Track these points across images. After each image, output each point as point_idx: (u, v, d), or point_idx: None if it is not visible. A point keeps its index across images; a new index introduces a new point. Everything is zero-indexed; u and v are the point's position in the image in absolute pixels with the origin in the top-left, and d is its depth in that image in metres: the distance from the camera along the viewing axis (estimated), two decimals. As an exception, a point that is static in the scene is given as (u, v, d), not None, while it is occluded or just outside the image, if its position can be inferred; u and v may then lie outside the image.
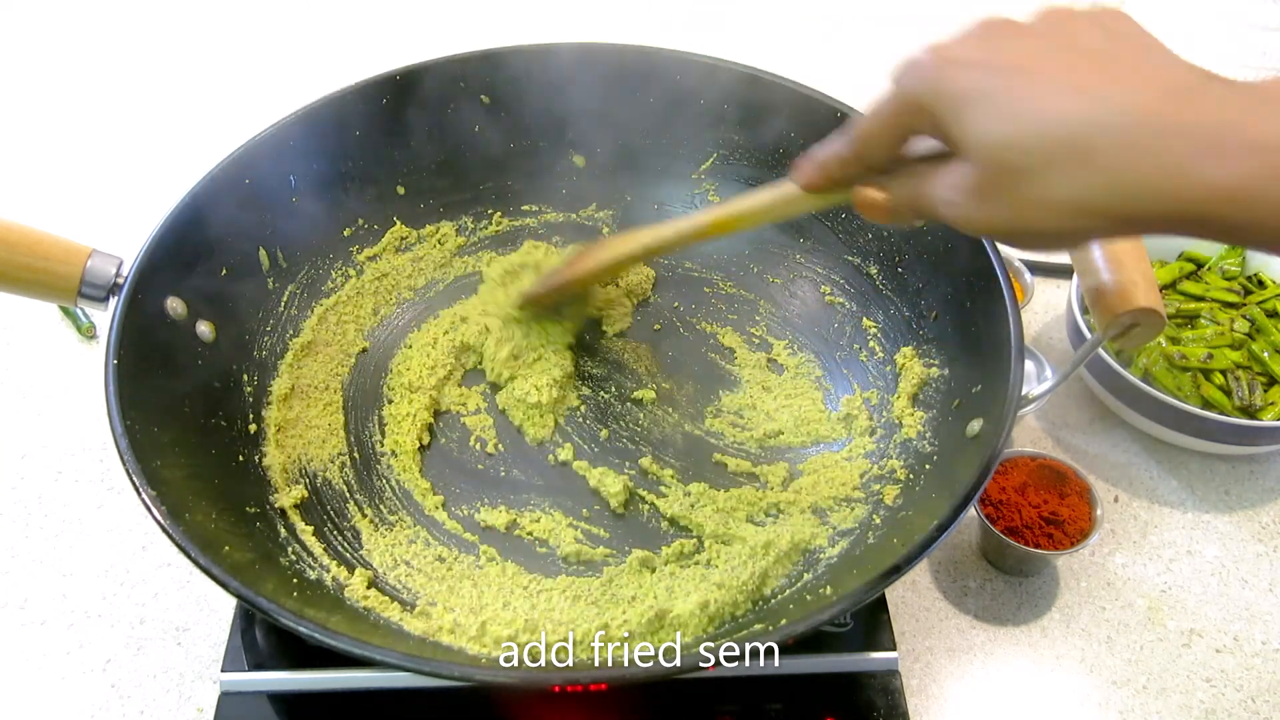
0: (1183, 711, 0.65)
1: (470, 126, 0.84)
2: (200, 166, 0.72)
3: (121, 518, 0.76)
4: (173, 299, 0.67)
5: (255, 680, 0.63)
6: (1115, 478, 0.79)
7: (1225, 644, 0.69)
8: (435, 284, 0.85)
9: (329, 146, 0.79)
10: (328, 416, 0.75)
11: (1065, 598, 0.71)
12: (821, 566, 0.64)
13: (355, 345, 0.80)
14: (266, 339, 0.76)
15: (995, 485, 0.71)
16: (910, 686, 0.65)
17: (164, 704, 0.66)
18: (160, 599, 0.72)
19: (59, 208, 1.02)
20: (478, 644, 0.59)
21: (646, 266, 0.86)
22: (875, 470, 0.70)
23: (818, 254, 0.83)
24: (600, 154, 0.88)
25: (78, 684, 0.67)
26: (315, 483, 0.70)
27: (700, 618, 0.60)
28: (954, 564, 0.73)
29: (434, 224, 0.86)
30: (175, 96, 1.17)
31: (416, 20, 1.28)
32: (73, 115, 1.15)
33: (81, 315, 0.90)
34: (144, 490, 0.54)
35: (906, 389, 0.72)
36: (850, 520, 0.67)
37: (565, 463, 0.73)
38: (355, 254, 0.83)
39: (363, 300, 0.82)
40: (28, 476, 0.79)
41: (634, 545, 0.67)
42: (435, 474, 0.73)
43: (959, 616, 0.70)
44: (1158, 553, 0.74)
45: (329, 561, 0.64)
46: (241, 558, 0.57)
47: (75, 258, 0.63)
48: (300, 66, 1.20)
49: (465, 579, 0.65)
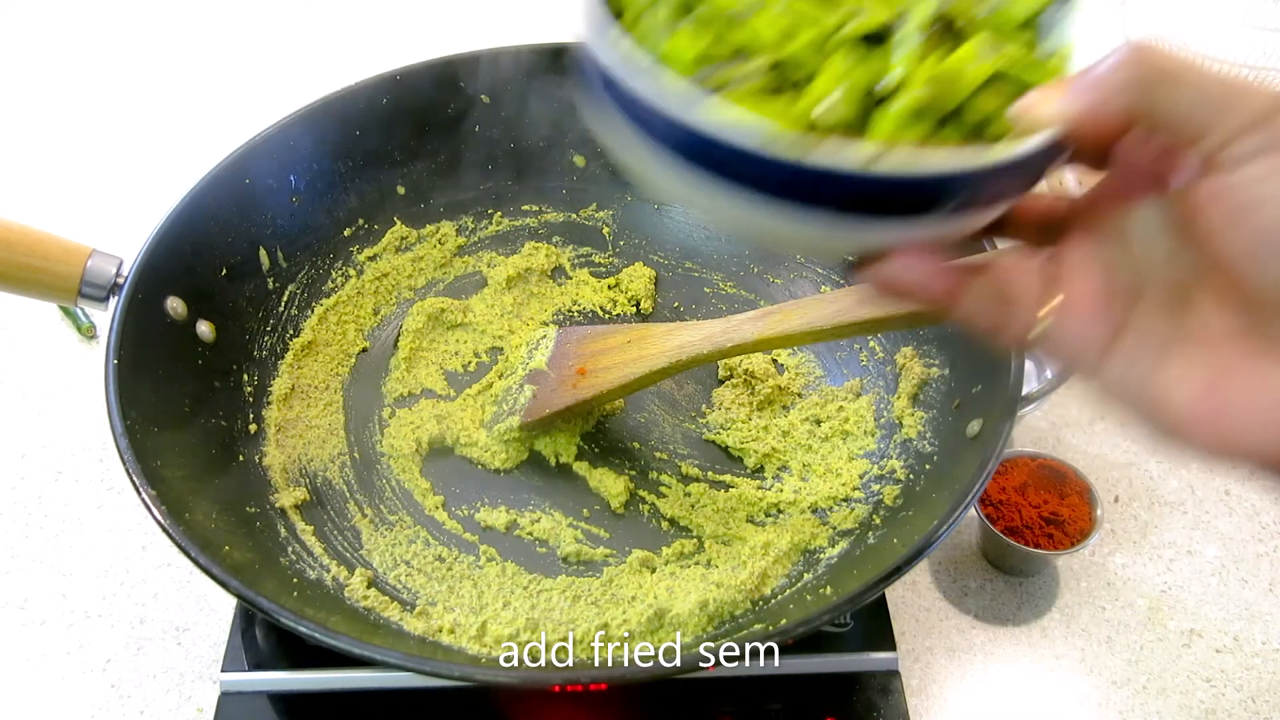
0: (1183, 711, 0.65)
1: (470, 126, 0.84)
2: (200, 166, 0.72)
3: (121, 518, 0.76)
4: (173, 299, 0.67)
5: (255, 680, 0.63)
6: (1115, 478, 0.79)
7: (1225, 644, 0.69)
8: (435, 284, 0.85)
9: (329, 146, 0.79)
10: (328, 416, 0.75)
11: (1065, 598, 0.71)
12: (821, 566, 0.64)
13: (355, 345, 0.80)
14: (266, 339, 0.76)
15: (995, 485, 0.71)
16: (910, 686, 0.65)
17: (164, 704, 0.66)
18: (160, 599, 0.72)
19: (59, 208, 1.02)
20: (478, 644, 0.59)
21: (646, 266, 0.86)
22: (875, 470, 0.70)
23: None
24: (600, 154, 0.88)
25: (78, 684, 0.67)
26: (315, 483, 0.70)
27: (700, 617, 0.60)
28: (954, 564, 0.73)
29: (434, 224, 0.86)
30: (175, 96, 1.17)
31: (416, 20, 1.28)
32: (73, 115, 1.15)
33: (81, 315, 0.90)
34: (144, 490, 0.54)
35: (906, 389, 0.72)
36: (850, 520, 0.67)
37: (565, 463, 0.73)
38: (355, 254, 0.83)
39: (363, 300, 0.82)
40: (28, 476, 0.79)
41: (634, 545, 0.67)
42: (435, 474, 0.73)
43: (959, 616, 0.70)
44: (1158, 553, 0.74)
45: (329, 561, 0.64)
46: (241, 558, 0.57)
47: (75, 258, 0.63)
48: (300, 66, 1.20)
49: (465, 579, 0.65)
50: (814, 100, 0.35)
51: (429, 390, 0.78)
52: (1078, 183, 0.60)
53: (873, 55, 0.36)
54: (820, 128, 0.35)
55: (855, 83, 0.35)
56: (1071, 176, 0.67)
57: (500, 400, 0.74)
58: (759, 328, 0.59)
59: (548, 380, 0.71)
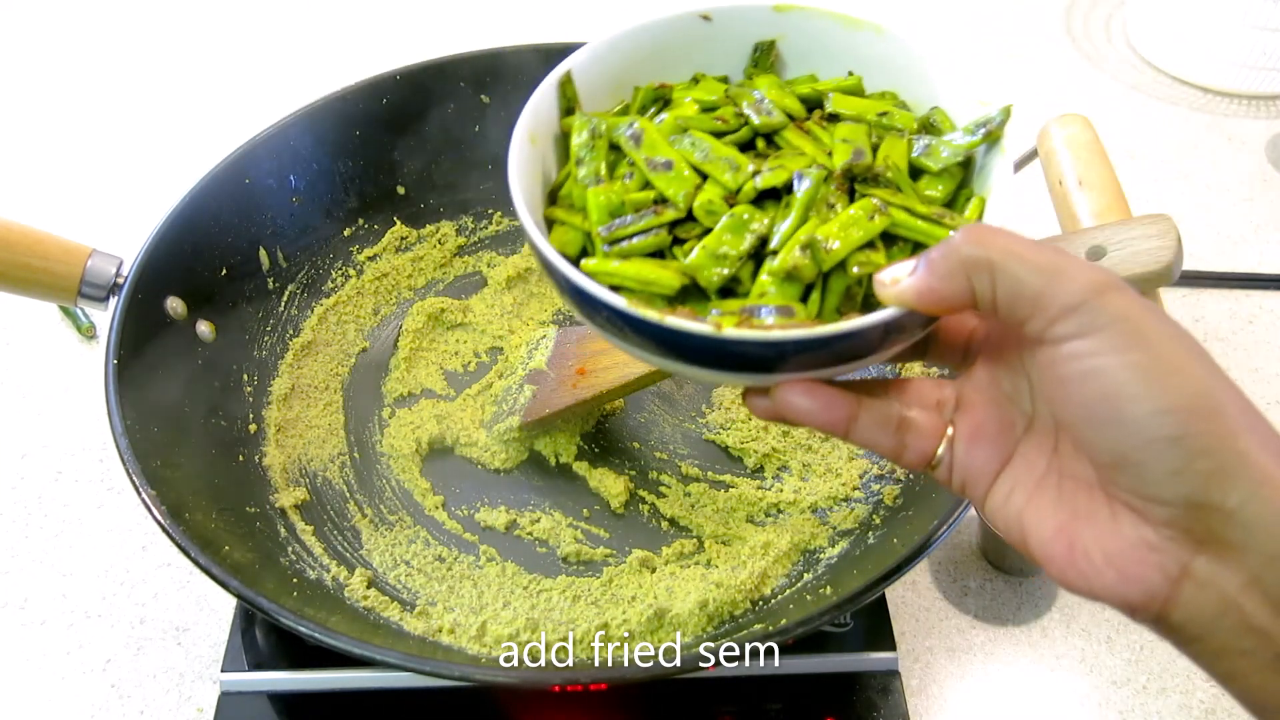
0: (1183, 711, 0.65)
1: (470, 126, 0.84)
2: (200, 166, 0.72)
3: (121, 518, 0.76)
4: (173, 299, 0.67)
5: (255, 680, 0.63)
6: (1115, 478, 0.79)
7: (1225, 644, 0.69)
8: (435, 284, 0.85)
9: (329, 146, 0.79)
10: (328, 416, 0.75)
11: (1065, 598, 0.71)
12: (821, 566, 0.64)
13: (355, 345, 0.80)
14: (266, 339, 0.76)
15: (995, 485, 0.71)
16: (910, 686, 0.65)
17: (164, 704, 0.66)
18: (160, 599, 0.72)
19: (59, 208, 1.02)
20: (478, 644, 0.59)
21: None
22: (875, 470, 0.70)
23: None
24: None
25: (78, 684, 0.67)
26: (315, 483, 0.70)
27: (700, 617, 0.60)
28: (954, 564, 0.73)
29: (434, 224, 0.86)
30: (175, 96, 1.17)
31: (416, 20, 1.28)
32: (73, 115, 1.15)
33: (81, 315, 0.90)
34: (144, 490, 0.54)
35: (906, 389, 0.72)
36: (850, 520, 0.67)
37: (565, 463, 0.73)
38: (355, 254, 0.83)
39: (363, 300, 0.82)
40: (28, 476, 0.79)
41: (634, 545, 0.67)
42: (435, 474, 0.73)
43: (959, 616, 0.70)
44: (1158, 553, 0.74)
45: (329, 561, 0.64)
46: (241, 558, 0.57)
47: (75, 258, 0.63)
48: (300, 66, 1.20)
49: (465, 579, 0.65)
50: (694, 264, 0.40)
51: (429, 390, 0.78)
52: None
53: (767, 212, 0.41)
54: (703, 283, 0.40)
55: (733, 246, 0.40)
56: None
57: (500, 400, 0.74)
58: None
59: (548, 380, 0.71)
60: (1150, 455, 0.30)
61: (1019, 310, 0.31)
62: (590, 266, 0.41)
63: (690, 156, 0.42)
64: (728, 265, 0.40)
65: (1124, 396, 0.30)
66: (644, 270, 0.40)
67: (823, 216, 0.40)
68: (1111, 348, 0.30)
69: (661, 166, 0.42)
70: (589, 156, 0.44)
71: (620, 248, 0.41)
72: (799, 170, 0.41)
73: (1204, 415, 0.29)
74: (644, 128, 0.44)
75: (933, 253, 0.33)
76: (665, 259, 0.41)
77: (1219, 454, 0.29)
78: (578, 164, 0.45)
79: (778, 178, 0.41)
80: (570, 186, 0.45)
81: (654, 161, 0.42)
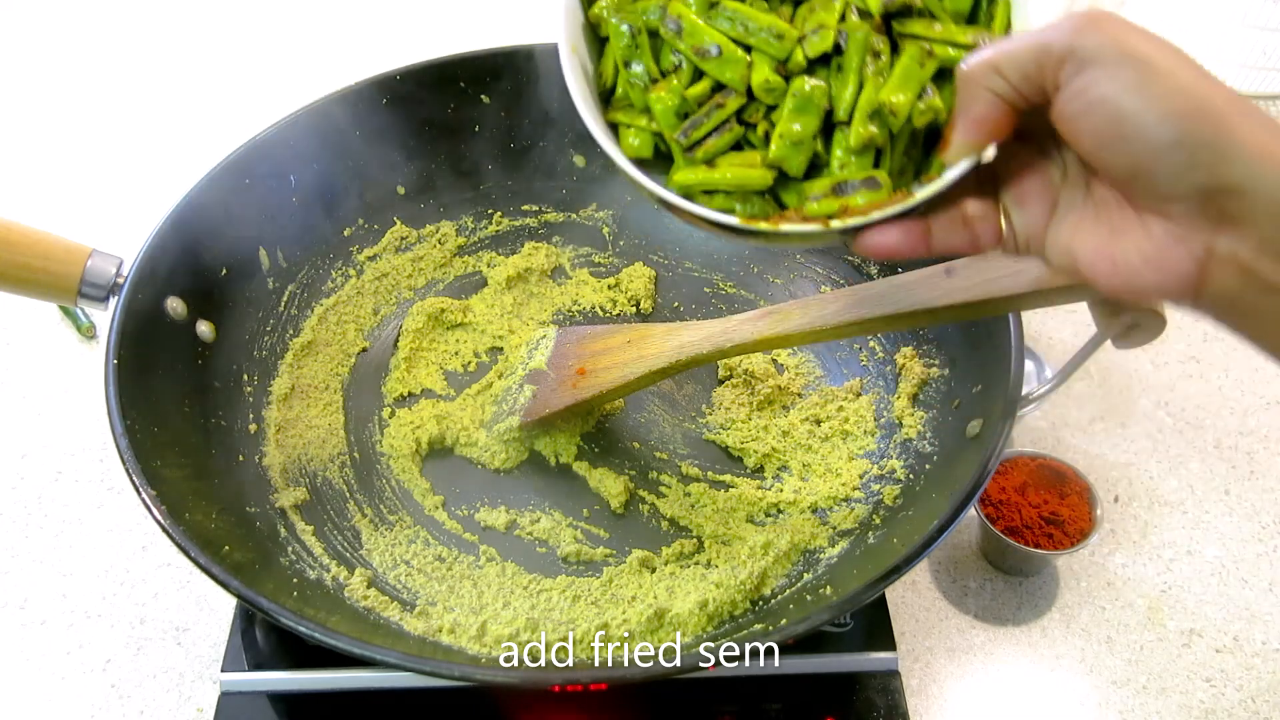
0: (1183, 711, 0.65)
1: (470, 126, 0.84)
2: (200, 166, 0.72)
3: (121, 518, 0.76)
4: (173, 299, 0.67)
5: (255, 680, 0.63)
6: (1115, 478, 0.79)
7: (1225, 644, 0.69)
8: (435, 284, 0.85)
9: (329, 146, 0.79)
10: (328, 416, 0.75)
11: (1065, 598, 0.71)
12: (821, 566, 0.64)
13: (355, 345, 0.80)
14: (266, 339, 0.76)
15: (995, 485, 0.71)
16: (910, 686, 0.65)
17: (164, 704, 0.66)
18: (160, 599, 0.72)
19: (59, 208, 1.02)
20: (478, 644, 0.59)
21: (646, 266, 0.86)
22: (875, 470, 0.70)
23: (818, 254, 0.83)
24: (600, 154, 0.87)
25: (78, 684, 0.67)
26: (315, 483, 0.70)
27: (700, 617, 0.60)
28: (954, 564, 0.73)
29: (434, 224, 0.86)
30: (175, 96, 1.17)
31: (417, 20, 1.28)
32: (73, 115, 1.15)
33: (81, 315, 0.90)
34: (144, 490, 0.54)
35: (906, 389, 0.72)
36: (850, 520, 0.67)
37: (565, 463, 0.73)
38: (355, 254, 0.83)
39: (363, 300, 0.82)
40: (28, 476, 0.79)
41: (634, 545, 0.67)
42: (435, 474, 0.73)
43: (959, 616, 0.70)
44: (1158, 553, 0.74)
45: (329, 561, 0.64)
46: (241, 558, 0.57)
47: (75, 258, 0.63)
48: (300, 66, 1.20)
49: (465, 579, 0.65)
50: (778, 155, 0.42)
51: (429, 390, 0.78)
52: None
53: (819, 76, 0.43)
54: (791, 173, 0.43)
55: (806, 129, 0.42)
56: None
57: (500, 400, 0.75)
58: (758, 328, 0.60)
59: (547, 380, 0.71)
60: (1158, 161, 0.34)
61: (1029, 86, 0.37)
62: (684, 179, 0.43)
63: (734, 33, 0.43)
64: (806, 150, 0.42)
65: (1125, 116, 0.34)
66: (735, 173, 0.43)
67: (878, 69, 0.42)
68: (1106, 76, 0.34)
69: (711, 53, 0.43)
70: (637, 56, 0.45)
71: (702, 149, 0.43)
72: (842, 29, 0.42)
73: (1196, 115, 0.33)
74: (681, 13, 0.43)
75: (961, 104, 0.39)
76: (744, 150, 0.43)
77: (1216, 144, 0.33)
78: (626, 65, 0.45)
79: (825, 42, 0.42)
80: (625, 89, 0.45)
81: (702, 50, 0.43)
